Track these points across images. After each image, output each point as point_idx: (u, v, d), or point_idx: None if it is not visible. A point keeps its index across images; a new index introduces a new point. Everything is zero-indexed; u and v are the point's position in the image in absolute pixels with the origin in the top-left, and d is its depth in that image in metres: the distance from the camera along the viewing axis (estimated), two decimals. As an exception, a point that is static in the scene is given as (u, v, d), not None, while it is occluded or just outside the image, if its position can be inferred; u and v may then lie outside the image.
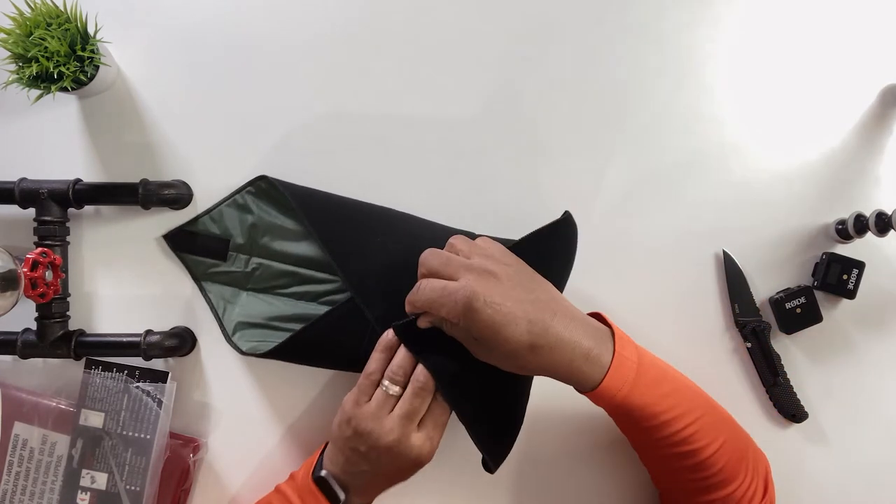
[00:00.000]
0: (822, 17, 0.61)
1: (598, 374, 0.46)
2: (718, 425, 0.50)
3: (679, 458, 0.49)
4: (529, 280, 0.48)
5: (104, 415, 0.59)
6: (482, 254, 0.48)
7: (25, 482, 0.60)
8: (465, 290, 0.45)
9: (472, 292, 0.44)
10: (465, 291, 0.44)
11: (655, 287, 0.61)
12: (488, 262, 0.47)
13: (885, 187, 0.61)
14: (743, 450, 0.51)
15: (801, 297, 0.59)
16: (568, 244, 0.55)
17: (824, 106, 0.61)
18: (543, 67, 0.62)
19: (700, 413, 0.49)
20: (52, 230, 0.58)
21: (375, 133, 0.62)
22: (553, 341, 0.45)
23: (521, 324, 0.44)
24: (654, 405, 0.47)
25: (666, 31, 0.61)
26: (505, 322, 0.44)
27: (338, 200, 0.58)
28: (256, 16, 0.62)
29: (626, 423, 0.51)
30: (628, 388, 0.46)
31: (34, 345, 0.59)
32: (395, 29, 0.62)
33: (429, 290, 0.47)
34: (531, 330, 0.45)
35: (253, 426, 0.61)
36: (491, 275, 0.46)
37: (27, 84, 0.54)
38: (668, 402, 0.48)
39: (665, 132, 0.61)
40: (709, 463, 0.48)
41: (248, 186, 0.59)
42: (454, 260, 0.47)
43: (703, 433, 0.48)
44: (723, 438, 0.49)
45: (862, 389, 0.61)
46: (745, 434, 0.53)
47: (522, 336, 0.44)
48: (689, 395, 0.50)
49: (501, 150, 0.61)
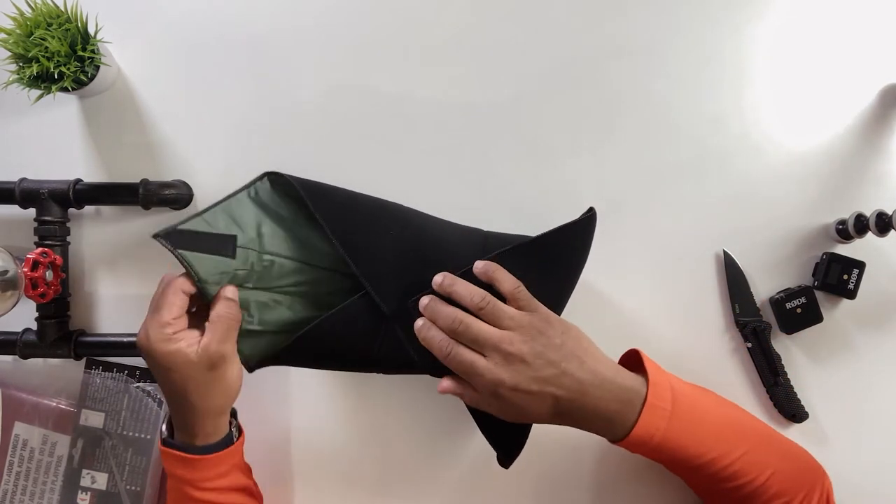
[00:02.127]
0: (822, 17, 0.61)
1: (622, 431, 0.47)
2: (767, 456, 0.50)
3: (730, 491, 0.49)
4: (559, 348, 0.47)
5: (104, 415, 0.59)
6: (513, 326, 0.48)
7: (26, 482, 0.60)
8: (491, 376, 0.46)
9: (499, 381, 0.46)
10: (491, 378, 0.46)
11: (656, 287, 0.61)
12: (518, 339, 0.47)
13: (886, 187, 0.61)
14: (798, 470, 0.50)
15: (801, 297, 0.59)
16: (587, 241, 0.55)
17: (824, 106, 0.61)
18: (545, 68, 0.62)
19: (745, 448, 0.49)
20: (53, 230, 0.58)
21: (377, 132, 0.62)
22: (577, 412, 0.47)
23: (547, 402, 0.47)
24: (692, 447, 0.48)
25: (666, 32, 0.61)
26: (530, 404, 0.47)
27: (349, 194, 0.56)
28: (256, 16, 0.62)
29: (668, 463, 0.51)
30: (661, 435, 0.47)
31: (34, 345, 0.59)
32: (397, 29, 0.62)
33: (460, 361, 0.48)
34: (557, 406, 0.47)
35: (252, 426, 0.61)
36: (520, 360, 0.46)
37: (28, 84, 0.54)
38: (708, 445, 0.48)
39: (665, 132, 0.61)
40: (761, 490, 0.48)
41: (255, 183, 0.56)
42: (482, 335, 0.48)
43: (751, 467, 0.48)
44: (773, 467, 0.49)
45: (862, 389, 0.61)
46: (799, 452, 0.52)
47: (547, 412, 0.47)
48: (729, 433, 0.50)
49: (504, 150, 0.61)
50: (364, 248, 0.53)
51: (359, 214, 0.55)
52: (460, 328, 0.48)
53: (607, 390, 0.47)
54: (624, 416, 0.47)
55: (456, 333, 0.48)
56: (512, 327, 0.48)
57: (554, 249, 0.52)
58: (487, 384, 0.46)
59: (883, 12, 0.61)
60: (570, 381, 0.47)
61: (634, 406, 0.47)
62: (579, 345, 0.49)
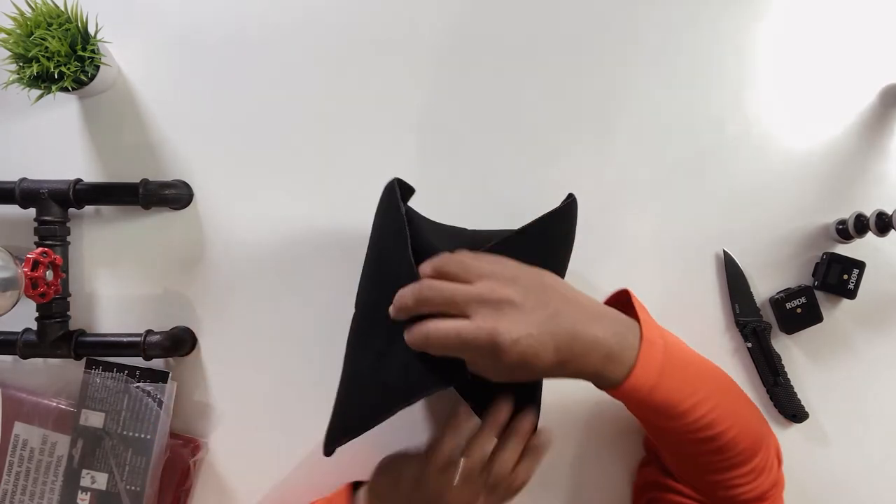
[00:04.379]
0: (822, 16, 0.61)
1: (622, 373, 0.43)
2: (738, 408, 0.49)
3: (701, 442, 0.46)
4: (541, 289, 0.43)
5: (104, 415, 0.59)
6: (485, 275, 0.42)
7: (26, 482, 0.60)
8: (484, 332, 0.40)
9: (495, 332, 0.40)
10: (485, 334, 0.40)
11: (656, 287, 0.61)
12: (497, 285, 0.41)
13: (886, 187, 0.61)
14: (759, 427, 0.50)
15: (801, 297, 0.59)
16: (571, 227, 0.54)
17: (824, 106, 0.61)
18: (544, 67, 0.62)
19: (720, 398, 0.47)
20: (53, 230, 0.58)
21: (377, 132, 0.62)
22: (578, 352, 0.42)
23: (549, 349, 0.41)
24: (677, 392, 0.44)
25: (666, 31, 0.61)
26: (534, 353, 0.40)
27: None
28: (257, 16, 0.62)
29: (647, 414, 0.48)
30: (652, 383, 0.43)
31: (34, 345, 0.59)
32: (397, 28, 0.62)
33: (440, 336, 0.41)
34: (558, 350, 0.41)
35: (253, 426, 0.61)
36: (507, 303, 0.41)
37: (28, 84, 0.54)
38: (692, 388, 0.45)
39: (665, 132, 0.61)
40: (731, 444, 0.46)
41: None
42: (459, 292, 0.41)
43: (724, 418, 0.46)
44: (744, 421, 0.48)
45: (862, 389, 0.61)
46: (758, 411, 0.52)
47: (551, 360, 0.41)
48: (709, 379, 0.48)
49: (503, 149, 0.61)
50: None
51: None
52: (430, 293, 0.42)
53: (599, 323, 0.43)
54: (620, 353, 0.43)
55: (427, 301, 0.42)
56: (485, 277, 0.42)
57: (541, 238, 0.51)
58: (483, 345, 0.40)
59: (883, 12, 0.61)
60: (563, 321, 0.41)
61: (629, 341, 0.43)
62: (557, 282, 0.45)
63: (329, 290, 0.61)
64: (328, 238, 0.61)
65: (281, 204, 0.62)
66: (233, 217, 0.62)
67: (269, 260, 0.61)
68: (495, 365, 0.41)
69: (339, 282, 0.61)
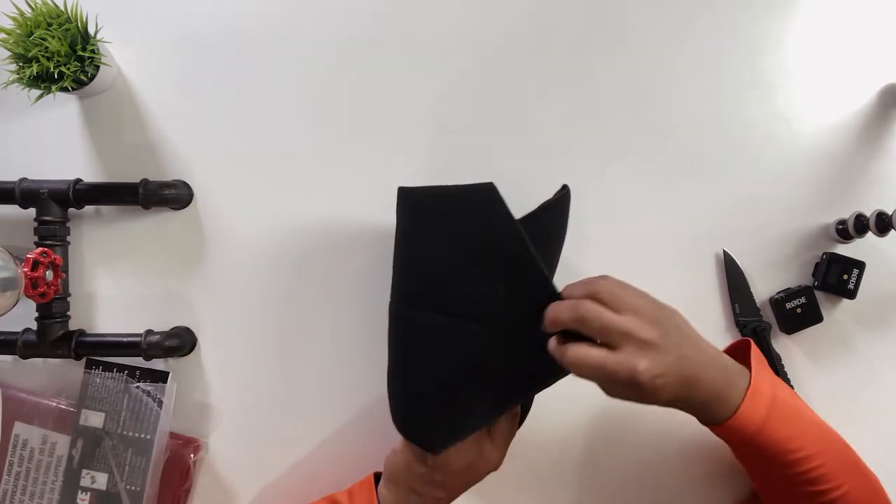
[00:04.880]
0: (821, 16, 0.61)
1: (726, 413, 0.47)
2: (850, 468, 0.50)
3: (809, 496, 0.49)
4: (676, 332, 0.46)
5: (104, 415, 0.59)
6: (632, 309, 0.46)
7: (26, 482, 0.60)
8: (628, 369, 0.44)
9: (637, 372, 0.43)
10: (626, 370, 0.44)
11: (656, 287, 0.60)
12: (643, 324, 0.45)
13: (886, 187, 0.61)
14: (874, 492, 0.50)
15: (801, 297, 0.59)
16: (565, 217, 0.55)
17: (824, 106, 0.61)
18: (543, 68, 0.62)
19: (833, 455, 0.49)
20: (53, 230, 0.58)
21: (377, 132, 0.62)
22: (693, 393, 0.46)
23: (674, 388, 0.45)
24: (787, 441, 0.47)
25: (665, 31, 0.61)
26: (662, 390, 0.44)
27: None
28: (257, 15, 0.62)
29: (752, 458, 0.51)
30: (756, 428, 0.47)
31: (34, 345, 0.59)
32: (395, 28, 0.62)
33: (588, 363, 0.45)
34: (680, 390, 0.45)
35: (253, 426, 0.61)
36: (650, 344, 0.44)
37: (28, 84, 0.54)
38: (802, 442, 0.48)
39: (665, 132, 0.61)
40: (840, 502, 0.48)
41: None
42: (614, 324, 0.45)
43: (836, 475, 0.48)
44: (856, 481, 0.49)
45: (862, 389, 0.61)
46: (874, 479, 0.52)
47: (671, 397, 0.45)
48: (823, 435, 0.50)
49: (504, 149, 0.61)
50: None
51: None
52: (589, 315, 0.45)
53: (716, 369, 0.47)
54: (727, 397, 0.47)
55: (584, 323, 0.45)
56: (632, 311, 0.46)
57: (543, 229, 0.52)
58: (623, 380, 0.44)
59: (883, 12, 0.61)
60: (689, 365, 0.46)
61: (738, 389, 0.47)
62: (686, 325, 0.48)
63: (329, 289, 0.61)
64: (328, 238, 0.61)
65: (281, 204, 0.62)
66: (233, 217, 0.62)
67: (269, 260, 0.61)
68: (621, 392, 0.46)
69: (339, 281, 0.61)
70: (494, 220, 0.48)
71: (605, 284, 0.47)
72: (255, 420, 0.61)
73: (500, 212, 0.48)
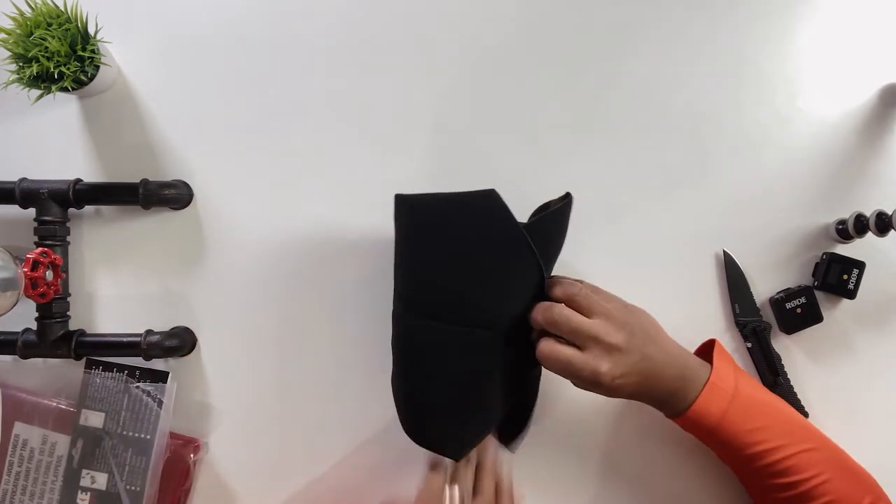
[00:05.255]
0: (821, 16, 0.61)
1: (683, 406, 0.50)
2: (825, 460, 0.50)
3: (780, 488, 0.50)
4: (642, 334, 0.50)
5: (104, 415, 0.59)
6: (603, 313, 0.49)
7: (25, 482, 0.60)
8: (592, 370, 0.47)
9: (599, 374, 0.47)
10: (590, 370, 0.47)
11: (655, 287, 0.61)
12: (611, 329, 0.48)
13: (886, 187, 0.61)
14: (855, 482, 0.50)
15: (801, 297, 0.59)
16: (566, 224, 0.55)
17: (824, 105, 0.61)
18: (543, 68, 0.62)
19: (804, 447, 0.50)
20: (53, 230, 0.58)
21: (377, 132, 0.62)
22: (651, 390, 0.50)
23: (633, 385, 0.49)
24: (747, 435, 0.49)
25: (666, 31, 0.61)
26: (621, 387, 0.49)
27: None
28: (257, 15, 0.62)
29: (719, 450, 0.53)
30: (717, 416, 0.49)
31: (34, 345, 0.59)
32: (396, 29, 0.62)
33: (557, 359, 0.48)
34: (639, 386, 0.49)
35: (253, 426, 0.61)
36: (615, 348, 0.48)
37: (28, 84, 0.54)
38: (764, 436, 0.49)
39: (665, 132, 0.61)
40: (814, 493, 0.49)
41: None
42: (581, 328, 0.48)
43: (807, 466, 0.49)
44: (830, 473, 0.49)
45: (862, 389, 0.61)
46: (856, 465, 0.52)
47: (630, 392, 0.50)
48: (789, 428, 0.51)
49: (504, 150, 0.61)
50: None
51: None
52: (560, 319, 0.48)
53: (676, 367, 0.50)
54: (685, 391, 0.50)
55: (555, 326, 0.49)
56: (603, 315, 0.49)
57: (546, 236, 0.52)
58: (587, 378, 0.48)
59: (883, 12, 0.61)
60: (650, 364, 0.49)
61: (696, 384, 0.50)
62: (653, 327, 0.52)
63: (329, 289, 0.61)
64: (329, 238, 0.61)
65: (281, 204, 0.62)
66: (233, 217, 0.62)
67: (269, 260, 0.61)
68: (586, 387, 0.50)
69: (339, 281, 0.61)
70: (498, 227, 0.49)
71: (580, 289, 0.50)
72: (255, 420, 0.61)
73: (503, 218, 0.48)
